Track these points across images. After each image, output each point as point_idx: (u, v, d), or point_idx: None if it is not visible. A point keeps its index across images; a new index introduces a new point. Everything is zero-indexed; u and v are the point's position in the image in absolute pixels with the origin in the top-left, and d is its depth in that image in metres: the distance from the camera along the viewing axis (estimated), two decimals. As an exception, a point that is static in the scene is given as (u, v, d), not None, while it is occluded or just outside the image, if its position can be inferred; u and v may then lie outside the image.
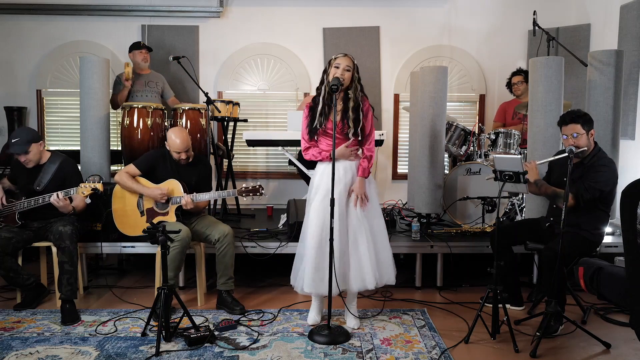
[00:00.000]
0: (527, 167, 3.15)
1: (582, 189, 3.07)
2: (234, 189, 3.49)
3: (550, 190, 3.22)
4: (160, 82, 4.86)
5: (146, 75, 4.80)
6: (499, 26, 5.69)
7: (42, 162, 3.47)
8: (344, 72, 2.94)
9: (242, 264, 3.88)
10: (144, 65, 4.78)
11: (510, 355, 2.77)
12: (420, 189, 4.17)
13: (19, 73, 5.63)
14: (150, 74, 4.83)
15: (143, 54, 4.75)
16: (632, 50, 4.48)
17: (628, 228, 1.79)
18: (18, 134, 3.38)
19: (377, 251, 3.05)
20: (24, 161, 3.39)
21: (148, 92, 4.73)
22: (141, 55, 4.75)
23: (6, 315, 3.29)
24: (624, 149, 4.29)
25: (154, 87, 4.78)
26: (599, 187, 3.07)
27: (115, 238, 3.74)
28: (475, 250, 3.88)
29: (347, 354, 2.77)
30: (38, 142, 3.41)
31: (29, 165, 3.41)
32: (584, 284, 2.11)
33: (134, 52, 4.76)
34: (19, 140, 3.33)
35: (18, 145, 3.32)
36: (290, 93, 5.74)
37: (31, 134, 3.40)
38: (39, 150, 3.42)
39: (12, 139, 3.34)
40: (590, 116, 3.16)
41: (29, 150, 3.34)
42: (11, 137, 3.36)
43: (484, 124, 5.38)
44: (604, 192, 3.09)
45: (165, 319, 2.86)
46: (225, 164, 5.12)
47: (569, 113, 3.17)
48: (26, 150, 3.33)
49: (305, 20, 5.66)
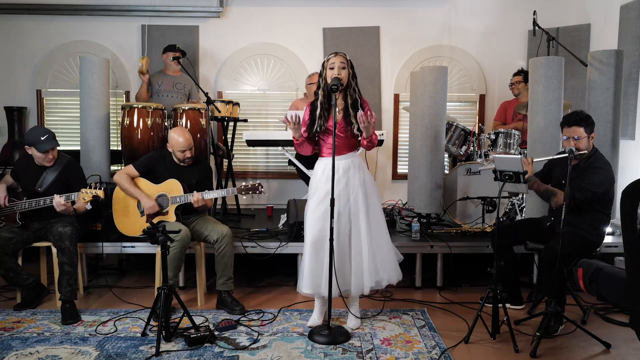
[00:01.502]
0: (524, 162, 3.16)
1: (574, 190, 3.06)
2: (233, 187, 3.49)
3: (543, 188, 3.22)
4: (188, 85, 4.92)
5: (175, 76, 4.85)
6: (499, 26, 5.69)
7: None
8: (341, 71, 2.94)
9: (242, 264, 3.88)
10: (175, 67, 4.83)
11: (510, 355, 2.77)
12: (420, 189, 4.17)
13: (19, 73, 5.63)
14: (180, 76, 4.88)
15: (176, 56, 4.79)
16: (632, 50, 4.49)
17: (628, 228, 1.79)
18: (43, 130, 3.41)
19: (377, 253, 3.03)
20: (52, 158, 3.41)
21: (174, 93, 4.79)
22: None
23: (6, 315, 3.28)
24: (624, 149, 4.29)
25: (182, 89, 4.84)
26: (591, 188, 3.06)
27: (115, 238, 3.74)
28: (475, 250, 3.88)
29: (347, 354, 2.77)
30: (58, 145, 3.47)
31: (50, 163, 3.43)
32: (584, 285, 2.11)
33: (167, 53, 4.82)
34: (49, 136, 3.38)
35: (50, 140, 3.37)
36: (290, 93, 5.74)
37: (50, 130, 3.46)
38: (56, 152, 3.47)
39: (39, 136, 3.35)
40: (592, 119, 3.16)
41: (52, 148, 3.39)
42: (36, 135, 3.36)
43: (484, 124, 5.38)
44: (596, 194, 3.08)
45: (165, 319, 2.86)
46: (225, 164, 5.13)
47: (572, 115, 3.16)
48: (58, 144, 3.40)
49: (305, 20, 5.66)
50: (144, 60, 4.58)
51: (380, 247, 3.06)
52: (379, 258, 3.04)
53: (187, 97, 4.90)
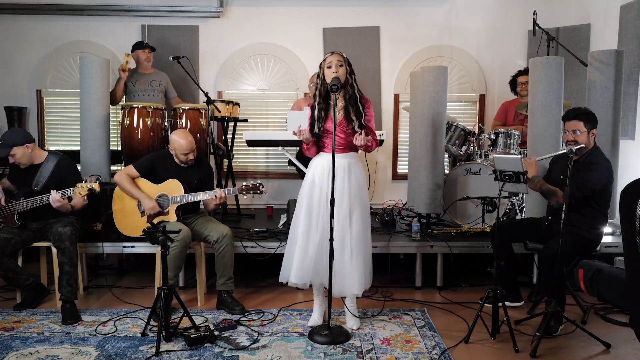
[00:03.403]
0: (526, 163, 3.16)
1: (573, 188, 3.07)
2: (234, 187, 3.49)
3: (545, 187, 3.23)
4: (163, 81, 4.86)
5: (149, 74, 4.80)
6: (499, 26, 5.69)
7: (37, 162, 3.47)
8: (338, 68, 2.94)
9: (242, 264, 3.88)
10: (147, 65, 4.78)
11: (510, 355, 2.77)
12: (420, 189, 4.17)
13: (19, 73, 5.63)
14: (153, 73, 4.83)
15: (146, 53, 4.75)
16: (632, 50, 4.48)
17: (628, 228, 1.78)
18: (3, 136, 3.39)
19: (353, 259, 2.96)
20: (12, 162, 3.41)
21: (151, 92, 4.72)
22: (144, 54, 4.75)
23: (6, 315, 3.29)
24: (624, 149, 4.29)
25: (157, 87, 4.78)
26: (590, 185, 3.07)
27: (116, 238, 3.73)
28: (475, 250, 3.88)
29: (347, 354, 2.77)
30: (23, 145, 3.38)
31: (21, 166, 3.43)
32: (584, 286, 2.10)
33: (137, 51, 4.76)
34: (2, 143, 3.35)
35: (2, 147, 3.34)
36: (290, 93, 5.74)
37: (15, 137, 3.39)
38: (25, 153, 3.40)
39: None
40: (594, 115, 3.17)
41: (11, 154, 3.36)
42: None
43: (484, 124, 5.38)
44: (595, 191, 3.09)
45: (165, 319, 2.86)
46: (225, 164, 5.12)
47: (573, 109, 3.18)
48: (6, 153, 3.35)
49: (305, 20, 5.65)
50: (128, 58, 4.52)
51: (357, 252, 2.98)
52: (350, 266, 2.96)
53: (164, 93, 4.83)
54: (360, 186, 3.04)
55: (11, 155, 3.36)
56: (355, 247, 2.97)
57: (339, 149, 2.98)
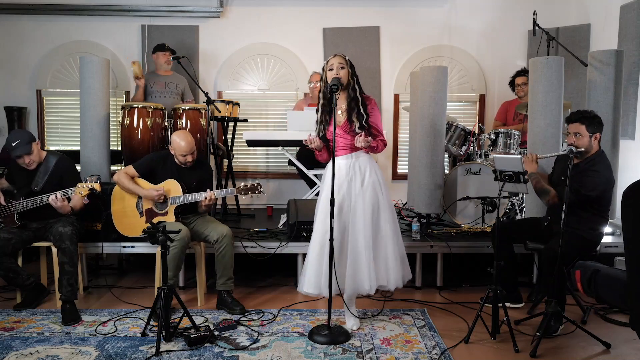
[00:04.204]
0: (526, 159, 3.15)
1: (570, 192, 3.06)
2: (233, 188, 3.49)
3: (539, 186, 3.22)
4: (181, 84, 4.90)
5: (167, 76, 4.84)
6: (499, 26, 5.69)
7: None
8: (339, 70, 2.94)
9: (242, 264, 3.88)
10: (166, 67, 4.82)
11: (510, 355, 2.77)
12: (420, 189, 4.18)
13: (19, 73, 5.63)
14: (172, 76, 4.87)
15: (167, 55, 4.79)
16: (632, 50, 4.49)
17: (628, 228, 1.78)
18: (16, 136, 3.37)
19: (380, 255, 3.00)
20: (28, 163, 3.38)
21: (167, 93, 4.76)
22: (164, 57, 4.78)
23: (6, 315, 3.28)
24: (624, 149, 4.29)
25: (174, 89, 4.81)
26: (584, 191, 3.05)
27: (115, 238, 3.73)
28: (475, 250, 3.88)
29: (347, 354, 2.77)
30: (36, 142, 3.42)
31: (32, 166, 3.41)
32: (582, 287, 2.10)
33: (158, 53, 4.80)
34: (20, 142, 3.33)
35: (21, 146, 3.32)
36: (290, 93, 5.75)
37: (28, 135, 3.40)
38: (38, 150, 3.43)
39: (11, 142, 3.33)
40: (599, 120, 3.14)
41: (32, 150, 3.35)
42: (10, 141, 3.34)
43: (484, 124, 5.38)
44: (590, 197, 3.07)
45: (165, 319, 2.86)
46: (225, 164, 5.12)
47: (577, 112, 3.17)
48: (30, 150, 3.34)
49: (305, 20, 5.66)
50: (135, 65, 4.55)
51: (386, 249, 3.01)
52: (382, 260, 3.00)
53: (181, 96, 4.87)
54: (381, 182, 3.05)
55: (31, 152, 3.36)
56: (390, 242, 2.99)
57: (347, 150, 2.99)
